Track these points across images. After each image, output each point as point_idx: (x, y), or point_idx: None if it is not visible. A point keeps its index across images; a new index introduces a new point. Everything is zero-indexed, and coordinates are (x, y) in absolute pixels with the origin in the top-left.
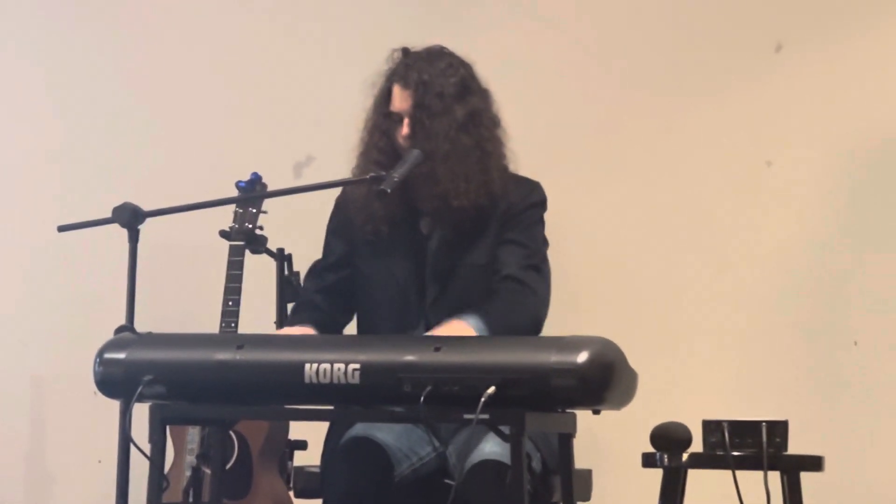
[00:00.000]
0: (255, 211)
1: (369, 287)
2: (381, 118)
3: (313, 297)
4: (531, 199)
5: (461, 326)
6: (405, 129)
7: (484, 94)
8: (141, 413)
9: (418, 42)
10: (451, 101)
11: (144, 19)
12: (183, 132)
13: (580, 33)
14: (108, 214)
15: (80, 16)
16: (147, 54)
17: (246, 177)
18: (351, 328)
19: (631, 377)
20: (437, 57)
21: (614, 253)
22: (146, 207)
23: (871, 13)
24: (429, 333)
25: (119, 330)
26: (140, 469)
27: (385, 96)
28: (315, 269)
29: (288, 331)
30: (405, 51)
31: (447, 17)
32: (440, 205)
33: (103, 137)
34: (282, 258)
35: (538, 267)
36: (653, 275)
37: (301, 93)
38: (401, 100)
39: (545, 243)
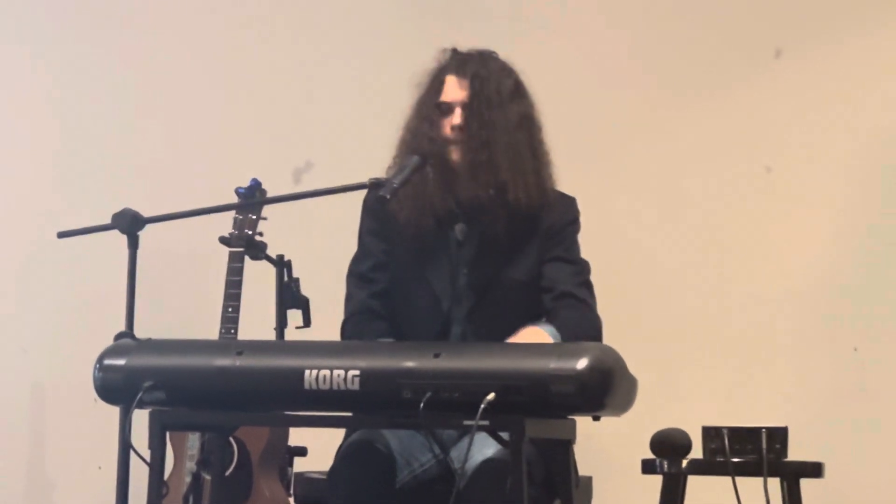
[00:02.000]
0: (254, 217)
1: (405, 292)
2: (430, 108)
3: (370, 304)
4: (570, 215)
5: (537, 331)
6: (455, 119)
7: (532, 102)
8: (141, 419)
9: (422, 50)
10: (508, 98)
11: (144, 26)
12: (182, 138)
13: (579, 40)
14: (108, 221)
15: (81, 22)
16: (146, 60)
17: (245, 183)
18: None
19: (630, 383)
20: (491, 58)
21: (613, 259)
22: (146, 213)
23: (869, 19)
24: (508, 341)
25: (119, 336)
26: (140, 475)
27: (435, 88)
28: (359, 272)
29: None
30: (456, 49)
31: (450, 24)
32: (495, 195)
33: (103, 143)
34: (281, 264)
35: (589, 284)
36: (652, 281)
37: (300, 99)
38: (455, 89)
39: (585, 260)
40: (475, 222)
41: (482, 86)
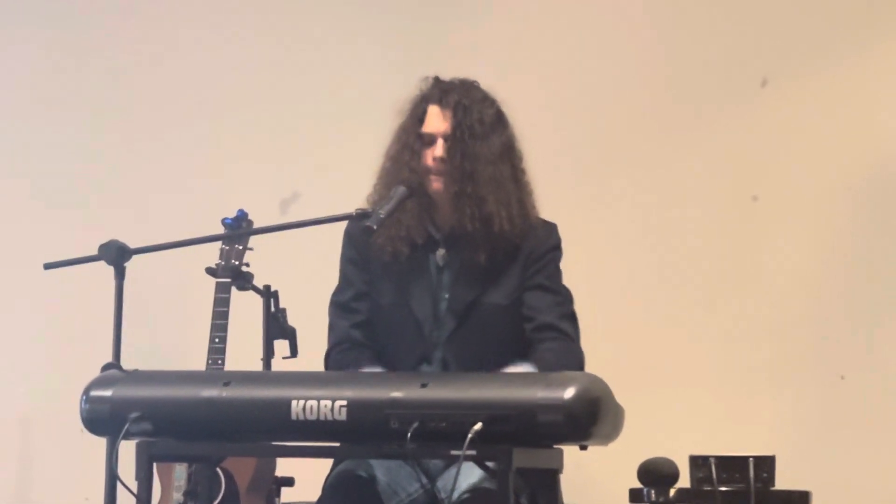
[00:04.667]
0: (241, 248)
1: (387, 318)
2: (412, 138)
3: (352, 334)
4: (551, 242)
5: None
6: (438, 150)
7: (513, 132)
8: (128, 450)
9: (409, 83)
10: (490, 129)
11: (131, 56)
12: (169, 169)
13: (565, 69)
14: (95, 252)
15: (69, 48)
16: (135, 89)
17: (232, 214)
18: None
19: (618, 412)
20: (474, 88)
21: (600, 288)
22: (132, 244)
23: (854, 48)
24: None
25: (106, 367)
26: None
27: (417, 117)
28: (341, 302)
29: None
30: (438, 78)
31: (436, 57)
32: (481, 227)
33: (89, 174)
34: (268, 295)
35: (572, 315)
36: (639, 310)
37: (287, 130)
38: (438, 120)
39: (567, 289)
40: (456, 248)
41: (465, 116)
